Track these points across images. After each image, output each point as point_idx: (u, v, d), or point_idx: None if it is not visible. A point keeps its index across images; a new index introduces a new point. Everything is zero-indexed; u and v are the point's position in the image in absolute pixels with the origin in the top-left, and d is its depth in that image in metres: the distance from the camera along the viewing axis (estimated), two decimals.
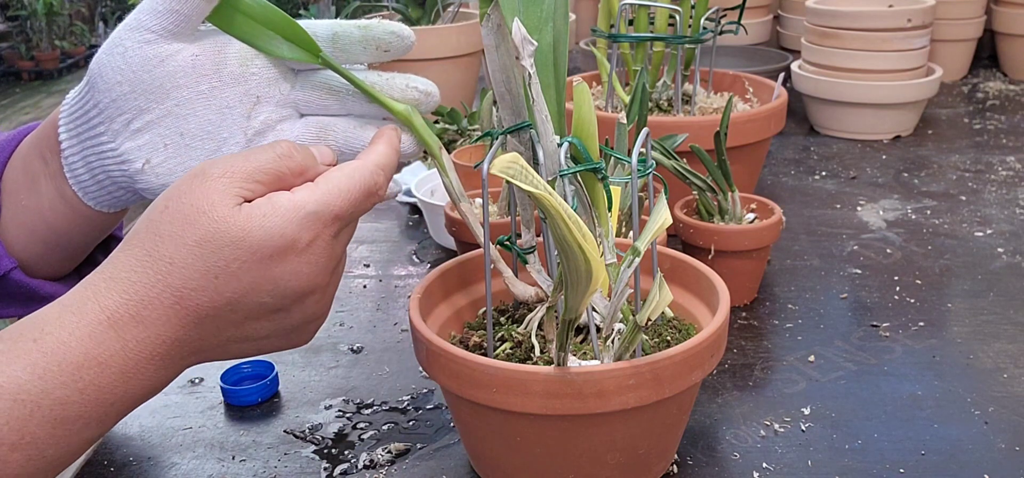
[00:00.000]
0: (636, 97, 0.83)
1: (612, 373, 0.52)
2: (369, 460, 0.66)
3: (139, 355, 0.44)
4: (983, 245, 1.01)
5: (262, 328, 0.47)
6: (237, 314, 0.46)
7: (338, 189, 0.48)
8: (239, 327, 0.46)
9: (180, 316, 0.44)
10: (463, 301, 0.68)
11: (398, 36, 0.54)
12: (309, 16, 2.34)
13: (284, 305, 0.47)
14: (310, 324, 0.49)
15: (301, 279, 0.46)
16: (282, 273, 0.46)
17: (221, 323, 0.46)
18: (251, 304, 0.46)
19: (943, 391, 0.72)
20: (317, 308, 0.48)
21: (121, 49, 0.50)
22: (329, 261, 0.48)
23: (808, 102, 1.48)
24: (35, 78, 6.23)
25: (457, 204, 0.60)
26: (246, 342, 0.48)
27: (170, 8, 0.50)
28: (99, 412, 0.43)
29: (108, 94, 0.51)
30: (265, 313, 0.47)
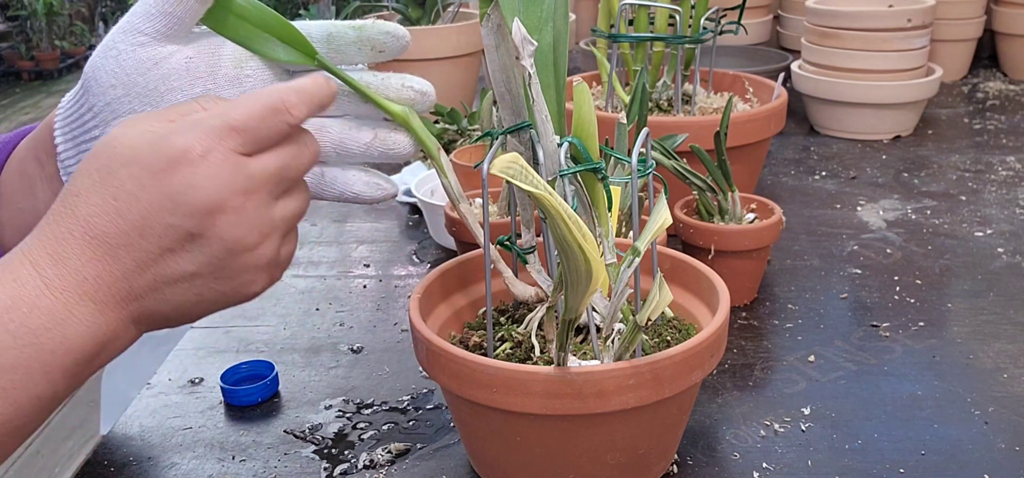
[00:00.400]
0: (636, 97, 0.83)
1: (612, 373, 0.52)
2: (369, 460, 0.66)
3: (65, 294, 0.44)
4: (983, 245, 1.01)
5: (186, 262, 0.45)
6: (148, 242, 0.45)
7: (237, 102, 0.47)
8: (160, 262, 0.45)
9: (91, 247, 0.44)
10: (463, 301, 0.68)
11: (393, 36, 0.54)
12: (309, 16, 2.34)
13: (193, 228, 0.45)
14: (237, 258, 0.47)
15: (200, 192, 0.44)
16: (179, 186, 0.44)
17: (137, 255, 0.45)
18: (159, 228, 0.44)
19: (943, 391, 0.72)
20: (235, 234, 0.46)
21: (115, 52, 0.50)
22: (233, 176, 0.45)
23: (808, 102, 1.48)
24: (35, 78, 6.23)
25: (456, 205, 0.60)
26: (179, 284, 0.46)
27: (163, 10, 0.50)
28: (40, 360, 0.43)
29: (102, 97, 0.51)
30: (179, 241, 0.45)
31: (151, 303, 0.46)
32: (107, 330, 0.45)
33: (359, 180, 0.55)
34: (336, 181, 0.55)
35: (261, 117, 0.47)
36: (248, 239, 0.46)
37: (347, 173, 0.55)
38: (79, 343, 0.44)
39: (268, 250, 0.48)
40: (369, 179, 0.55)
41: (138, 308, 0.46)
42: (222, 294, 0.47)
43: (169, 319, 0.47)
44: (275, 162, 0.48)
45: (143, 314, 0.46)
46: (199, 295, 0.47)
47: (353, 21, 0.54)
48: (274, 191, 0.48)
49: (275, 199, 0.48)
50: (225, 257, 0.46)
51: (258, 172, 0.47)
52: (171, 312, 0.47)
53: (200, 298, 0.47)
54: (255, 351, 0.83)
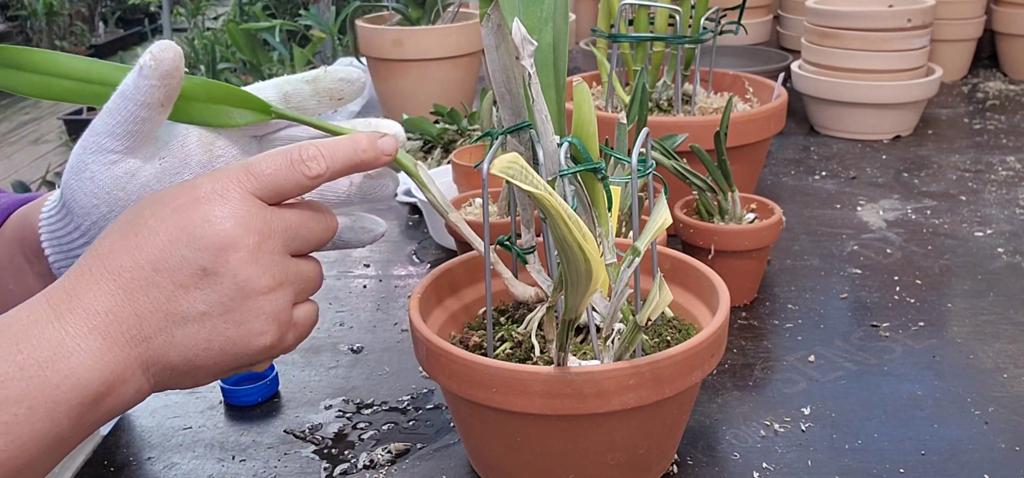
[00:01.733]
0: (636, 97, 0.83)
1: (612, 373, 0.52)
2: (369, 460, 0.66)
3: (75, 327, 0.44)
4: (983, 245, 1.01)
5: (197, 300, 0.46)
6: (162, 276, 0.45)
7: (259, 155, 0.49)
8: (172, 300, 0.45)
9: (106, 281, 0.45)
10: (463, 301, 0.68)
11: (348, 82, 0.54)
12: (309, 16, 2.34)
13: (206, 263, 0.45)
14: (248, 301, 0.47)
15: (217, 226, 0.45)
16: (196, 220, 0.45)
17: (151, 292, 0.45)
18: (173, 261, 0.45)
19: (943, 391, 0.72)
20: (247, 273, 0.46)
21: (89, 174, 0.50)
22: (250, 216, 0.46)
23: (808, 102, 1.48)
24: None
25: (445, 216, 0.60)
26: (190, 325, 0.46)
27: (129, 130, 0.50)
28: (44, 395, 0.42)
29: (87, 218, 0.51)
30: (192, 276, 0.45)
31: (160, 346, 0.46)
32: (115, 369, 0.45)
33: (346, 229, 0.56)
34: None
35: (279, 166, 0.48)
36: (260, 281, 0.47)
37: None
38: (85, 378, 0.44)
39: (280, 300, 0.48)
40: (354, 225, 0.56)
41: (147, 351, 0.46)
42: (231, 341, 0.47)
43: (178, 370, 0.47)
44: (293, 216, 0.49)
45: (152, 359, 0.46)
46: (209, 341, 0.47)
47: (305, 73, 0.54)
48: (289, 245, 0.49)
49: (290, 254, 0.49)
50: (236, 296, 0.46)
51: (275, 218, 0.48)
52: (180, 360, 0.47)
53: (209, 345, 0.47)
54: None
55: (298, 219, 0.49)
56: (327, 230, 0.51)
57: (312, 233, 0.50)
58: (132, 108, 0.49)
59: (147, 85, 0.48)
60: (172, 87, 0.49)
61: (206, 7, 5.01)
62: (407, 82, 1.47)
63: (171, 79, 0.49)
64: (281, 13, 3.71)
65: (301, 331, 0.51)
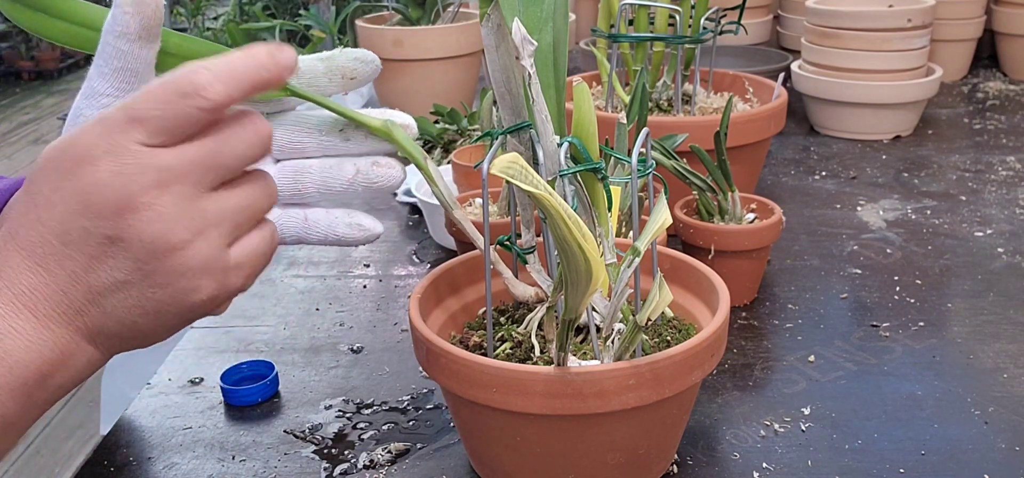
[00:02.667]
0: (636, 97, 0.83)
1: (612, 373, 0.52)
2: (369, 460, 0.66)
3: (3, 308, 0.42)
4: (983, 245, 1.01)
5: (113, 270, 0.42)
6: (72, 249, 0.42)
7: (142, 92, 0.44)
8: (89, 272, 0.42)
9: (21, 257, 0.42)
10: (463, 301, 0.68)
11: (362, 62, 0.52)
12: (309, 16, 2.33)
13: (108, 230, 0.42)
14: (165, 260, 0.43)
15: (107, 191, 0.42)
16: (86, 186, 0.42)
17: (67, 264, 0.42)
18: (76, 233, 0.42)
19: (943, 391, 0.72)
20: (154, 231, 0.42)
21: (82, 119, 0.48)
22: (141, 171, 0.42)
23: (808, 102, 1.48)
24: (35, 78, 6.22)
25: (450, 212, 0.59)
26: (115, 295, 0.43)
27: (114, 68, 0.47)
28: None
29: None
30: (99, 247, 0.42)
31: (96, 318, 0.43)
32: (54, 347, 0.43)
33: (342, 223, 0.54)
34: (319, 224, 0.54)
35: (166, 103, 0.43)
36: (172, 237, 0.42)
37: (331, 215, 0.54)
38: (23, 359, 0.42)
39: (203, 249, 0.44)
40: (351, 221, 0.54)
41: (83, 324, 0.43)
42: (163, 304, 0.44)
43: (124, 337, 0.45)
44: (196, 151, 0.44)
45: (92, 331, 0.44)
46: (141, 307, 0.43)
47: (321, 53, 0.53)
48: (201, 182, 0.44)
49: (206, 191, 0.44)
50: (150, 259, 0.43)
51: (173, 163, 0.43)
52: (119, 328, 0.44)
53: (144, 310, 0.44)
54: (255, 351, 0.83)
55: (205, 149, 0.44)
56: (253, 141, 0.45)
57: (232, 155, 0.44)
58: (111, 41, 0.46)
59: (120, 14, 0.46)
60: (147, 16, 0.46)
61: (206, 7, 5.00)
62: (407, 82, 1.47)
63: (144, 6, 0.45)
64: (281, 13, 3.70)
65: (248, 268, 0.46)
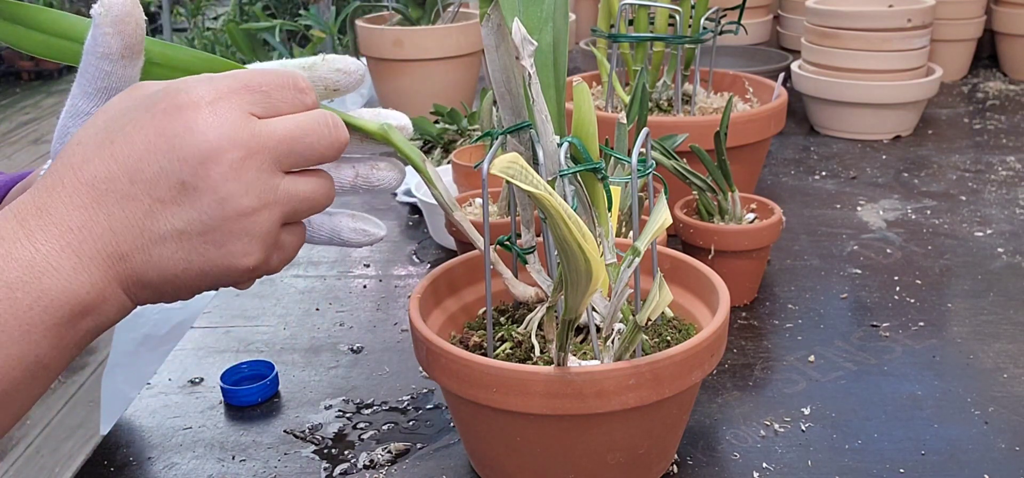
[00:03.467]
0: (636, 97, 0.83)
1: (612, 373, 0.52)
2: (369, 460, 0.66)
3: (47, 245, 0.41)
4: (983, 245, 1.01)
5: (175, 217, 0.43)
6: (138, 188, 0.42)
7: (256, 67, 0.46)
8: (149, 216, 0.43)
9: (79, 193, 0.42)
10: (463, 301, 0.68)
11: (345, 73, 0.52)
12: (309, 16, 2.33)
13: (186, 176, 0.42)
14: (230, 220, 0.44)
15: (198, 137, 0.42)
16: (177, 128, 0.42)
17: (127, 205, 0.42)
18: (150, 171, 0.42)
19: (943, 391, 0.72)
20: (230, 189, 0.43)
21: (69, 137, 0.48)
22: (237, 128, 0.43)
23: (808, 102, 1.48)
24: (35, 78, 6.22)
25: (449, 214, 0.59)
26: (168, 244, 0.43)
27: (98, 87, 0.48)
28: (17, 317, 0.40)
29: None
30: (170, 190, 0.42)
31: (138, 264, 0.43)
32: (91, 289, 0.42)
33: (346, 226, 0.55)
34: (322, 227, 0.54)
35: (278, 85, 0.45)
36: (244, 200, 0.44)
37: (334, 219, 0.55)
38: (60, 298, 0.41)
39: (266, 221, 0.45)
40: (356, 225, 0.55)
41: (124, 270, 0.43)
42: (211, 262, 0.44)
43: (158, 289, 0.45)
44: (286, 128, 0.45)
45: (130, 277, 0.44)
46: (188, 261, 0.44)
47: (303, 59, 0.52)
48: (281, 160, 0.45)
49: (282, 171, 0.46)
50: (216, 214, 0.43)
51: (265, 131, 0.44)
52: (158, 279, 0.44)
53: (189, 264, 0.44)
54: (255, 351, 0.83)
55: (293, 129, 0.45)
56: (332, 141, 0.47)
57: (310, 148, 0.46)
58: (94, 61, 0.47)
59: (101, 34, 0.46)
60: (128, 35, 0.46)
61: (206, 7, 5.01)
62: (407, 82, 1.47)
63: (124, 26, 0.46)
64: (281, 13, 3.70)
65: (288, 253, 0.48)
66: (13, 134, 5.09)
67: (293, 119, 0.46)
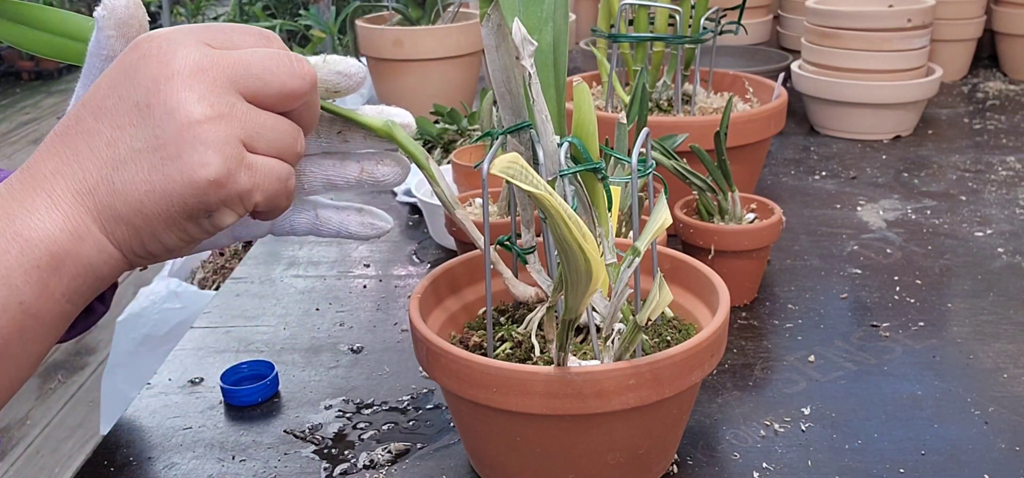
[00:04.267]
0: (636, 97, 0.83)
1: (612, 373, 0.52)
2: (369, 460, 0.66)
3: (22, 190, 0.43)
4: (983, 245, 1.01)
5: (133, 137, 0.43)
6: (102, 123, 0.44)
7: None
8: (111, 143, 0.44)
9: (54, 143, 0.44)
10: (463, 301, 0.68)
11: (345, 76, 0.51)
12: (309, 16, 2.33)
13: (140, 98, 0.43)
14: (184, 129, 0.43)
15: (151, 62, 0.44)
16: (135, 61, 0.44)
17: (92, 140, 0.44)
18: (110, 103, 0.44)
19: (943, 391, 0.72)
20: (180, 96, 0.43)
21: None
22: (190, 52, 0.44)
23: (808, 102, 1.48)
24: (35, 78, 6.22)
25: (451, 212, 0.59)
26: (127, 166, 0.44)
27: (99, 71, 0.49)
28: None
29: None
30: (128, 114, 0.44)
31: (105, 195, 0.44)
32: (65, 226, 0.43)
33: (354, 221, 0.55)
34: (330, 221, 0.55)
35: (240, 29, 0.46)
36: (195, 108, 0.43)
37: (341, 214, 0.55)
38: (34, 238, 0.43)
39: (220, 129, 0.44)
40: (363, 219, 0.55)
41: (94, 203, 0.44)
42: (170, 178, 0.44)
43: (132, 224, 0.45)
44: (242, 54, 0.45)
45: (101, 210, 0.44)
46: (149, 182, 0.44)
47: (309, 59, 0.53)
48: (237, 81, 0.45)
49: (238, 92, 0.45)
50: (168, 124, 0.43)
51: (219, 54, 0.45)
52: (127, 210, 0.44)
53: (151, 185, 0.44)
54: (255, 351, 0.83)
55: (251, 56, 0.45)
56: (291, 73, 0.46)
57: (269, 72, 0.45)
58: (98, 64, 0.48)
59: (104, 37, 0.47)
60: (131, 37, 0.47)
61: (206, 7, 5.01)
62: (407, 82, 1.47)
63: (127, 28, 0.47)
64: (281, 13, 3.70)
65: (260, 177, 0.46)
66: (13, 134, 5.09)
67: (252, 50, 0.46)
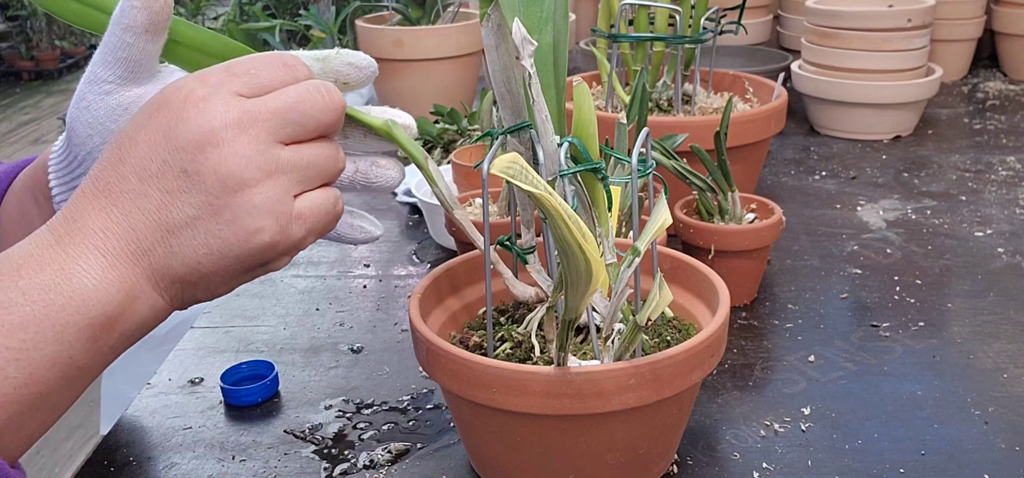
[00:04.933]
0: (636, 97, 0.83)
1: (612, 373, 0.52)
2: (369, 460, 0.66)
3: (74, 248, 0.43)
4: (983, 245, 1.01)
5: (185, 204, 0.44)
6: (147, 185, 0.44)
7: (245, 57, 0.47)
8: (162, 209, 0.44)
9: (97, 197, 0.44)
10: (463, 301, 0.68)
11: (356, 68, 0.52)
12: (309, 16, 2.33)
13: (186, 164, 0.44)
14: (235, 196, 0.45)
15: (190, 124, 0.44)
16: (171, 120, 0.44)
17: (140, 202, 0.44)
18: (154, 167, 0.44)
19: (943, 391, 0.72)
20: (229, 166, 0.44)
21: (85, 103, 0.51)
22: (226, 109, 0.44)
23: (808, 102, 1.48)
24: (35, 78, 6.22)
25: (450, 212, 0.59)
26: (184, 232, 0.45)
27: (118, 57, 0.50)
28: (50, 317, 0.42)
29: (83, 147, 0.52)
30: (175, 179, 0.44)
31: (162, 258, 0.45)
32: (121, 287, 0.44)
33: (344, 223, 0.55)
34: None
35: (264, 65, 0.47)
36: (244, 174, 0.44)
37: None
38: (91, 299, 0.43)
39: (272, 191, 0.45)
40: (354, 222, 0.55)
41: (149, 264, 0.45)
42: (227, 243, 0.45)
43: (187, 281, 0.46)
44: (277, 100, 0.46)
45: (157, 272, 0.45)
46: (206, 246, 0.45)
47: (317, 51, 0.53)
48: (278, 132, 0.46)
49: (281, 142, 0.46)
50: (222, 193, 0.44)
51: (255, 107, 0.45)
52: (184, 270, 0.45)
53: (208, 249, 0.45)
54: (255, 351, 0.83)
55: (285, 101, 0.46)
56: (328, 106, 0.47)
57: (305, 115, 0.47)
58: (118, 32, 0.49)
59: (128, 7, 0.48)
60: (155, 11, 0.48)
61: (206, 7, 5.00)
62: (407, 82, 1.47)
63: (153, 2, 0.48)
64: (281, 13, 3.70)
65: (311, 222, 0.48)
66: (13, 134, 5.09)
67: (284, 92, 0.47)
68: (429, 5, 1.54)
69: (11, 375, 0.41)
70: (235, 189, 0.44)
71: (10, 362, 0.41)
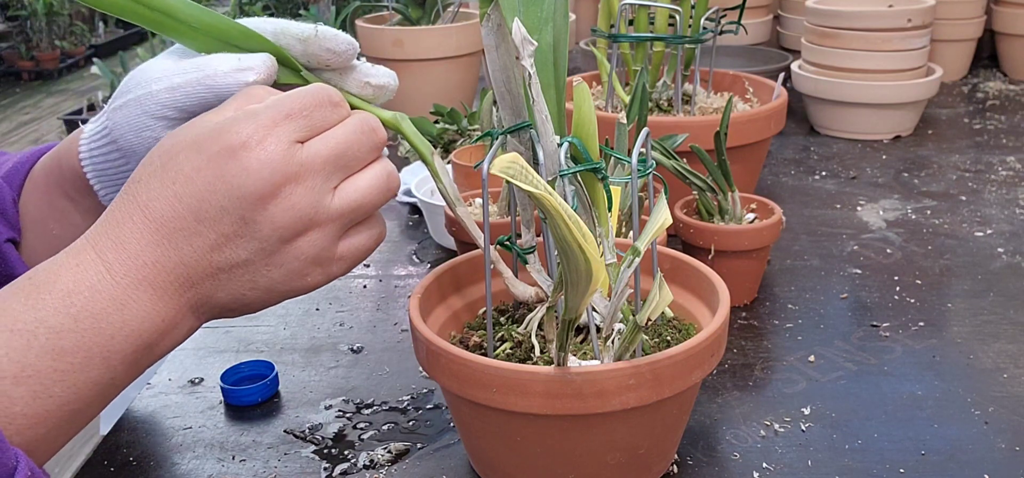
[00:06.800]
0: (636, 97, 0.83)
1: (612, 373, 0.52)
2: (369, 460, 0.66)
3: (126, 279, 0.45)
4: (983, 245, 1.01)
5: (240, 249, 0.46)
6: (204, 226, 0.46)
7: (293, 92, 0.48)
8: (216, 249, 0.46)
9: (150, 230, 0.45)
10: (463, 301, 0.68)
11: (335, 54, 0.54)
12: (309, 16, 2.33)
13: (246, 214, 0.46)
14: (288, 247, 0.47)
15: (253, 178, 0.45)
16: (233, 170, 0.45)
17: (195, 241, 0.46)
18: (213, 212, 0.45)
19: (943, 391, 0.72)
20: (285, 220, 0.47)
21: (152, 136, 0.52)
22: (285, 163, 0.46)
23: (808, 102, 1.48)
24: (35, 78, 6.22)
25: (453, 209, 0.59)
26: (234, 272, 0.47)
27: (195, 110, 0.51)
28: (99, 345, 0.44)
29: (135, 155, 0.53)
30: (232, 226, 0.46)
31: (207, 290, 0.47)
32: (166, 317, 0.46)
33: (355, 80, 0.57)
34: None
35: (315, 104, 0.48)
36: (298, 225, 0.47)
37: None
38: (139, 328, 0.45)
39: (320, 240, 0.48)
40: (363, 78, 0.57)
41: (195, 296, 0.47)
42: (275, 282, 0.48)
43: (226, 307, 0.48)
44: (329, 148, 0.48)
45: (200, 302, 0.47)
46: (253, 283, 0.47)
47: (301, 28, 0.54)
48: (331, 178, 0.48)
49: (332, 187, 0.48)
50: (276, 243, 0.47)
51: (311, 157, 0.47)
52: (228, 300, 0.48)
53: (255, 285, 0.48)
54: (255, 351, 0.83)
55: (336, 148, 0.48)
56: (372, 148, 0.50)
57: (355, 158, 0.49)
58: (210, 99, 0.51)
59: (235, 83, 0.50)
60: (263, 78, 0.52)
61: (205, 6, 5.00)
62: (407, 82, 1.47)
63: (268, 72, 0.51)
64: (281, 13, 3.70)
65: (351, 262, 0.51)
66: (13, 134, 5.09)
67: (334, 136, 0.49)
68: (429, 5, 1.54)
69: (56, 394, 0.43)
70: (289, 240, 0.47)
71: (57, 382, 0.43)
